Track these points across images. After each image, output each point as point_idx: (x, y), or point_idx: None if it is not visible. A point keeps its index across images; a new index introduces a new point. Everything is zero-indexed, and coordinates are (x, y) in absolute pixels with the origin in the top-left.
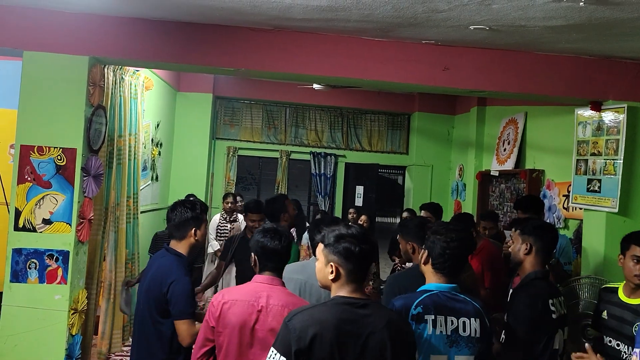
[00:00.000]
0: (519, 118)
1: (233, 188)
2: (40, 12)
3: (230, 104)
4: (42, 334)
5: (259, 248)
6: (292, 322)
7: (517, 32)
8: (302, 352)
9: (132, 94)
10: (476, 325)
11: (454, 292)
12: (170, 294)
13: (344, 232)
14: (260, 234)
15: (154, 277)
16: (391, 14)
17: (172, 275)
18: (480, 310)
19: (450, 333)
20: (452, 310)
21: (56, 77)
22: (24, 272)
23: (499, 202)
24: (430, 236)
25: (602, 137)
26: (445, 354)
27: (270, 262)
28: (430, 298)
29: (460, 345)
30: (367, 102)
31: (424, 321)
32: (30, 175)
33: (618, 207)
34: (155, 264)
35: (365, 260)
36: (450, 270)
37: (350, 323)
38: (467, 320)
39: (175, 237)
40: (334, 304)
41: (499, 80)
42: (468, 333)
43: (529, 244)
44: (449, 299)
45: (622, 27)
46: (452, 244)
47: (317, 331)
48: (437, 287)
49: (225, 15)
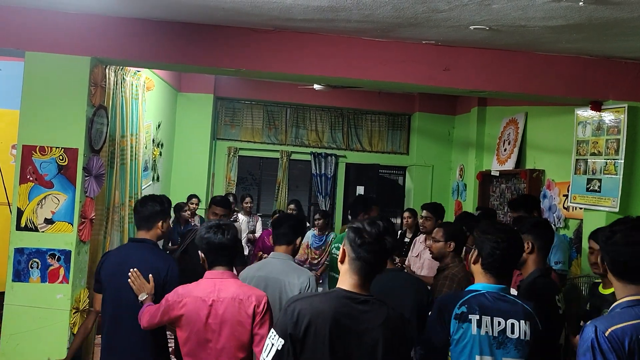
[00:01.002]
0: (519, 118)
1: (234, 188)
2: (42, 13)
3: (231, 104)
4: (44, 333)
5: (205, 244)
6: (291, 307)
7: (517, 32)
8: (297, 338)
9: (133, 94)
10: (526, 328)
11: (502, 293)
12: (170, 277)
13: (363, 226)
14: (204, 230)
15: (145, 267)
16: (391, 14)
17: (166, 260)
18: (531, 313)
19: (497, 334)
20: (499, 311)
21: (58, 77)
22: (26, 271)
23: (499, 202)
24: (479, 235)
25: (602, 137)
26: (490, 355)
27: (218, 256)
28: (475, 298)
29: (508, 347)
30: (367, 102)
31: (467, 320)
32: (32, 175)
33: (619, 207)
34: (134, 256)
35: (373, 259)
36: (500, 271)
37: (348, 317)
38: (516, 322)
39: (144, 228)
40: (335, 296)
41: (499, 80)
42: (517, 335)
43: (530, 243)
44: (496, 299)
45: (621, 26)
46: (502, 244)
47: (313, 320)
48: (485, 288)
49: (226, 15)
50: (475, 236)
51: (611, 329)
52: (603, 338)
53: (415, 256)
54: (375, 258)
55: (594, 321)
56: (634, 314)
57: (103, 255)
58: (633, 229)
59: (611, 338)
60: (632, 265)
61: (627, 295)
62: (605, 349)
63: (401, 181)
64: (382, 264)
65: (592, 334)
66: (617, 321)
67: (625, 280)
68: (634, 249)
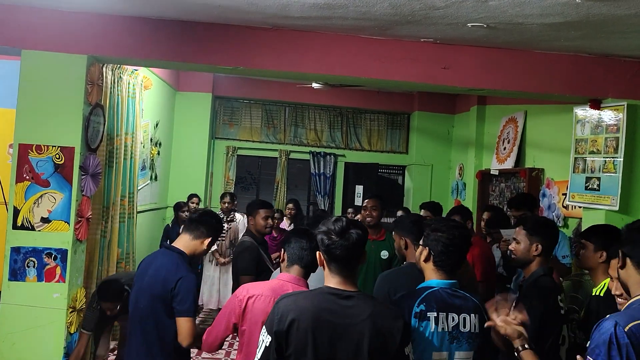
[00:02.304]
0: (518, 117)
1: (232, 188)
2: (38, 11)
3: (230, 103)
4: (40, 333)
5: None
6: (277, 305)
7: (515, 30)
8: (281, 334)
9: (130, 93)
10: (475, 321)
11: (454, 289)
12: (178, 290)
13: (326, 227)
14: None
15: (157, 276)
16: (388, 11)
17: (179, 271)
18: (479, 306)
19: (452, 329)
20: (452, 307)
21: (54, 76)
22: (22, 270)
23: (498, 201)
24: (430, 234)
25: (601, 135)
26: (446, 350)
27: (300, 261)
28: (432, 295)
29: (461, 341)
30: (366, 101)
31: (426, 319)
32: (29, 174)
33: (619, 205)
34: (155, 263)
35: (347, 253)
36: (451, 267)
37: (330, 313)
38: (467, 316)
39: (190, 234)
40: (318, 293)
41: (498, 79)
42: (468, 329)
43: (539, 245)
44: (449, 295)
45: (619, 24)
46: (454, 240)
47: (295, 317)
48: (438, 284)
49: (223, 13)
50: (426, 234)
51: (631, 324)
52: (622, 333)
53: None
54: (348, 253)
55: (613, 316)
56: None
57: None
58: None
59: (630, 334)
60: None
61: None
62: (623, 344)
63: (400, 180)
64: (358, 256)
65: (612, 328)
66: (634, 317)
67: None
68: None
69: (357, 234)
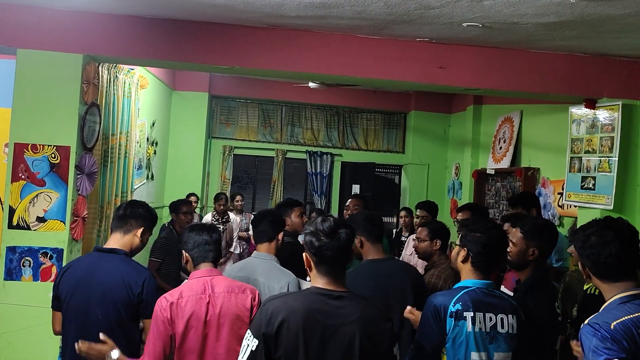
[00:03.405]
0: (514, 116)
1: (229, 187)
2: (34, 10)
3: (226, 102)
4: (36, 332)
5: (191, 243)
6: (266, 306)
7: (511, 30)
8: (270, 336)
9: (126, 92)
10: (513, 321)
11: (490, 289)
12: (146, 293)
13: (314, 227)
14: (188, 230)
15: (114, 282)
16: (383, 10)
17: (141, 274)
18: (516, 306)
19: (489, 330)
20: (490, 307)
21: (50, 75)
22: (18, 270)
23: (494, 200)
24: (468, 234)
25: (596, 135)
26: (484, 351)
27: (204, 254)
28: (468, 295)
29: (499, 341)
30: (363, 101)
31: (462, 318)
32: (24, 173)
33: (613, 205)
34: (102, 269)
35: (338, 253)
36: (489, 268)
37: (321, 313)
38: (505, 317)
39: (119, 231)
40: (308, 293)
41: (494, 78)
42: (506, 329)
43: (535, 249)
44: (486, 295)
45: (614, 23)
46: (492, 241)
47: (285, 317)
48: (475, 284)
49: (219, 12)
50: (463, 235)
51: (614, 323)
52: (609, 329)
53: (410, 254)
54: (339, 253)
55: (591, 319)
56: (627, 309)
57: (62, 268)
58: (605, 228)
59: (618, 329)
60: (612, 264)
61: (615, 294)
62: (618, 337)
63: (397, 180)
64: (348, 255)
65: (598, 328)
66: (615, 317)
67: (610, 280)
68: (610, 248)
69: (346, 233)
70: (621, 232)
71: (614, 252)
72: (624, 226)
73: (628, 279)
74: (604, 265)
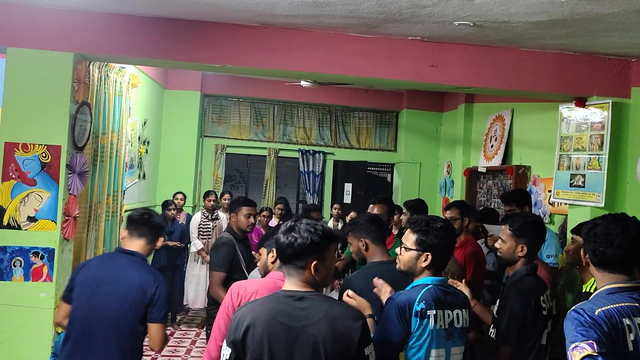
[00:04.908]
0: (505, 115)
1: (221, 186)
2: (24, 9)
3: (218, 101)
4: (27, 332)
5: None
6: (235, 313)
7: (501, 28)
8: (238, 342)
9: (117, 91)
10: (466, 316)
11: (444, 285)
12: (158, 297)
13: (285, 226)
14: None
15: (131, 282)
16: (376, 9)
17: (156, 279)
18: (467, 300)
19: (447, 326)
20: (447, 304)
21: (40, 73)
22: (8, 270)
23: (486, 198)
24: (426, 240)
25: (585, 133)
26: (443, 347)
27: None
28: (429, 293)
29: (455, 337)
30: (355, 99)
31: (427, 317)
32: (15, 173)
33: (604, 202)
34: (120, 268)
35: (294, 252)
36: (442, 264)
37: (285, 315)
38: (460, 312)
39: (145, 238)
40: (274, 297)
41: (485, 77)
42: (461, 324)
43: (524, 246)
44: (443, 292)
45: (603, 22)
46: (444, 239)
47: (250, 322)
48: (432, 281)
49: (211, 11)
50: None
51: (598, 310)
52: (593, 315)
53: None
54: (295, 252)
55: (578, 305)
56: (614, 299)
57: (82, 264)
58: (612, 221)
59: (601, 315)
60: (610, 255)
61: (606, 284)
62: (600, 323)
63: (389, 178)
64: (310, 255)
65: (582, 313)
66: (601, 304)
67: (605, 269)
68: (612, 240)
69: (307, 231)
70: (627, 227)
71: (614, 244)
72: (631, 222)
73: (622, 272)
74: (602, 254)
